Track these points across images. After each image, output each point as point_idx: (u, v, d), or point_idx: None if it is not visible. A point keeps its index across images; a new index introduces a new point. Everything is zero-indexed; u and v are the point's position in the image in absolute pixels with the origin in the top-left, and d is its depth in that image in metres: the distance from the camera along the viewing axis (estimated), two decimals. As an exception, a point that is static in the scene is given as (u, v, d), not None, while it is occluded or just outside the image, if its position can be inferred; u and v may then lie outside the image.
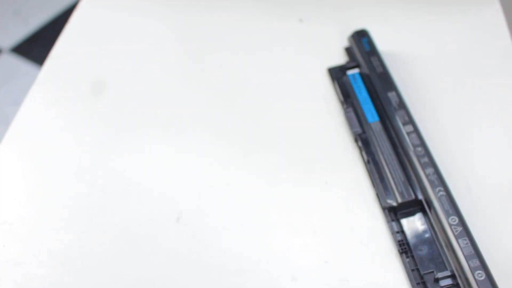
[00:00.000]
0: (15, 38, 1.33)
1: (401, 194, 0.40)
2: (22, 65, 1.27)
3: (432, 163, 0.40)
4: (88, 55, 0.55)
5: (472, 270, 0.34)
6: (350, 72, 0.48)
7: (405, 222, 0.39)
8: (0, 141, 0.48)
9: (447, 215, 0.37)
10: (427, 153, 0.41)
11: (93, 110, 0.50)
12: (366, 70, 0.47)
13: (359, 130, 0.44)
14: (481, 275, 0.34)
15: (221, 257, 0.39)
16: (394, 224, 0.39)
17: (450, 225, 0.36)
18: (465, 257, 0.35)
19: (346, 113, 0.45)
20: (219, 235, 0.40)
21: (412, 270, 0.37)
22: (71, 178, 0.45)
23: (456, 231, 0.36)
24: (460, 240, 0.36)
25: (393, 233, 0.38)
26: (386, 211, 0.40)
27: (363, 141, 0.43)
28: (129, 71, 0.53)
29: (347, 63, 0.49)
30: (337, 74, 0.48)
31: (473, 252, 0.35)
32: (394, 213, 0.39)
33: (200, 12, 0.59)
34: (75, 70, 0.54)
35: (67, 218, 0.42)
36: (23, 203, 0.44)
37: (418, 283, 0.36)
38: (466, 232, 0.36)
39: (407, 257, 0.37)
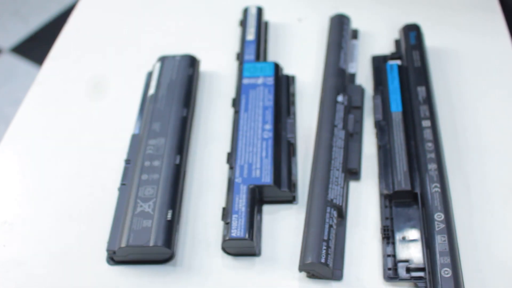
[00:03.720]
0: (15, 38, 1.33)
1: (399, 183, 0.40)
2: (22, 65, 1.27)
3: (437, 160, 0.40)
4: (88, 55, 0.55)
5: (441, 267, 0.35)
6: (390, 62, 0.49)
7: (397, 210, 0.40)
8: (0, 141, 0.48)
9: (435, 211, 0.38)
10: (436, 149, 0.41)
11: (93, 109, 0.50)
12: (405, 62, 0.48)
13: (380, 117, 0.45)
14: (447, 272, 0.34)
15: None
16: (386, 210, 0.40)
17: (434, 220, 0.37)
18: (438, 253, 0.35)
19: (373, 99, 0.47)
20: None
21: (388, 255, 0.37)
22: (71, 177, 0.45)
23: (438, 227, 0.37)
24: (438, 236, 0.36)
25: (382, 218, 0.40)
26: (382, 197, 0.41)
27: (381, 128, 0.44)
28: (128, 70, 0.53)
29: (392, 54, 0.50)
30: (379, 63, 0.50)
31: (447, 249, 0.35)
32: (389, 200, 0.40)
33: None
34: (74, 70, 0.54)
35: (67, 218, 0.42)
36: (23, 203, 0.44)
37: (389, 268, 0.37)
38: (447, 230, 0.37)
39: (388, 243, 0.38)
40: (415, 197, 0.40)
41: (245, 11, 0.55)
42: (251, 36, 0.52)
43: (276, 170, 0.41)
